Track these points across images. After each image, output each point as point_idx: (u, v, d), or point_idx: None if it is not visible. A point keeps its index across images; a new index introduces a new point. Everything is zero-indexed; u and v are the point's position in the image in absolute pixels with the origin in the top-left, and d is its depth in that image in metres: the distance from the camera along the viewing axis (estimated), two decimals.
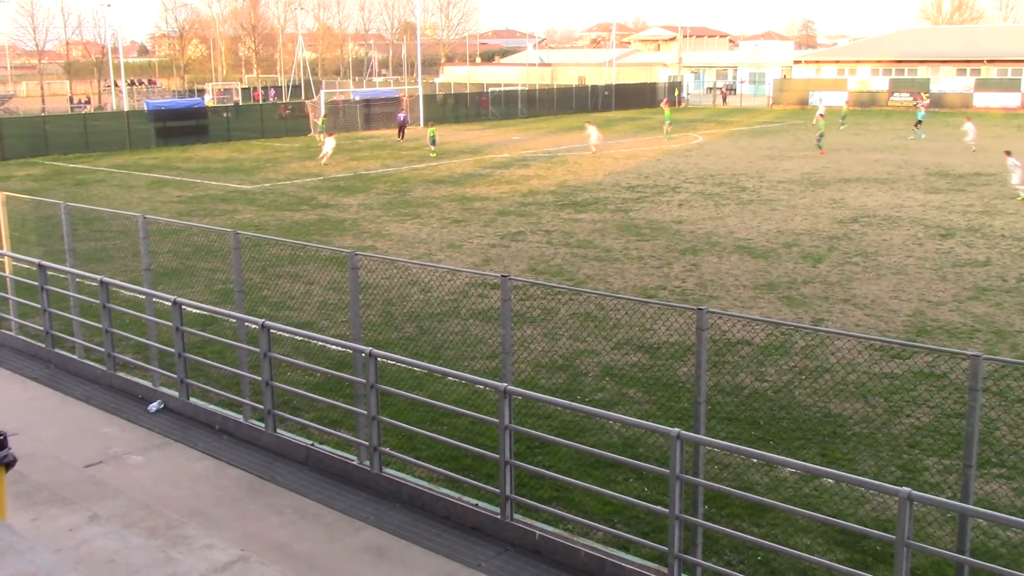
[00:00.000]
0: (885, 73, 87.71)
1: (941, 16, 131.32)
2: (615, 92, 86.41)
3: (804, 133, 57.66)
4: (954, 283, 20.14)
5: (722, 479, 10.81)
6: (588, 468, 11.03)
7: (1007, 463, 11.26)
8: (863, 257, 22.74)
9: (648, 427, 9.10)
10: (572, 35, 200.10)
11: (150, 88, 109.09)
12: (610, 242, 24.84)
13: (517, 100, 79.43)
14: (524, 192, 34.30)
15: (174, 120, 57.12)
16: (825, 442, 11.99)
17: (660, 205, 30.88)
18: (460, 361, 15.08)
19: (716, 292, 19.62)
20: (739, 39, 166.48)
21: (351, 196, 33.91)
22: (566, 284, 20.00)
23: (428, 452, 11.20)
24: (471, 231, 26.78)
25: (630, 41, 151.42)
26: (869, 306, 18.45)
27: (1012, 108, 75.65)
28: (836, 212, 29.18)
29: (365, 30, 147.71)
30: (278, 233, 26.22)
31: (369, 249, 23.86)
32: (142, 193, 35.57)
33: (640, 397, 13.68)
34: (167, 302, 12.30)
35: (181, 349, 12.18)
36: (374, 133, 62.64)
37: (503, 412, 9.02)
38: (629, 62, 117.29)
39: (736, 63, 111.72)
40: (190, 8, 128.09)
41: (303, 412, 12.58)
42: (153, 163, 46.39)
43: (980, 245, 23.95)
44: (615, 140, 54.30)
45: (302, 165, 44.46)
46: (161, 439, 11.70)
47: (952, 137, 52.19)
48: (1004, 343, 15.98)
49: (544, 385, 13.95)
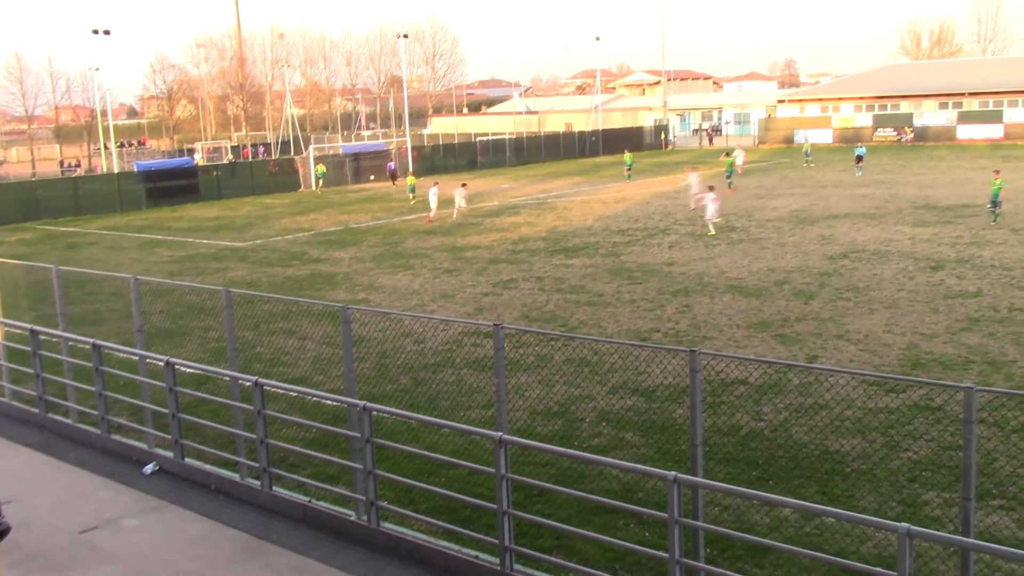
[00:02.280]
0: (868, 109, 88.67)
1: (921, 51, 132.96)
2: (602, 137, 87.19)
3: (791, 171, 58.17)
4: (946, 315, 20.19)
5: (722, 521, 10.74)
6: (588, 515, 10.95)
7: (1007, 494, 11.21)
8: (855, 292, 22.81)
9: (645, 471, 9.07)
10: (558, 82, 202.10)
11: (140, 149, 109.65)
12: (602, 286, 24.90)
13: (505, 148, 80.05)
14: (515, 239, 34.43)
15: (164, 180, 57.36)
16: (825, 480, 11.93)
17: (651, 248, 31.00)
18: (456, 411, 15.03)
19: (710, 333, 19.63)
20: (723, 80, 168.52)
21: (342, 250, 34.00)
22: (559, 330, 20.00)
23: (426, 504, 11.12)
24: (463, 280, 26.83)
25: (615, 86, 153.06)
26: (863, 341, 18.47)
27: (995, 139, 76.42)
28: (826, 248, 29.32)
29: (352, 85, 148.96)
30: (270, 289, 26.24)
31: (362, 302, 23.88)
32: (134, 254, 35.63)
33: (638, 441, 13.63)
34: (160, 363, 12.27)
35: (175, 410, 12.13)
36: (364, 186, 62.99)
37: (499, 462, 8.98)
38: (615, 107, 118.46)
39: (721, 104, 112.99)
40: (178, 69, 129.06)
41: (299, 469, 12.50)
42: (144, 224, 46.51)
43: (970, 276, 24.05)
44: (601, 185, 54.64)
45: (293, 220, 44.59)
46: (157, 501, 11.61)
47: (938, 170, 52.66)
48: (999, 373, 15.98)
49: (541, 432, 13.89)
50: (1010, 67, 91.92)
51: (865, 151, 57.01)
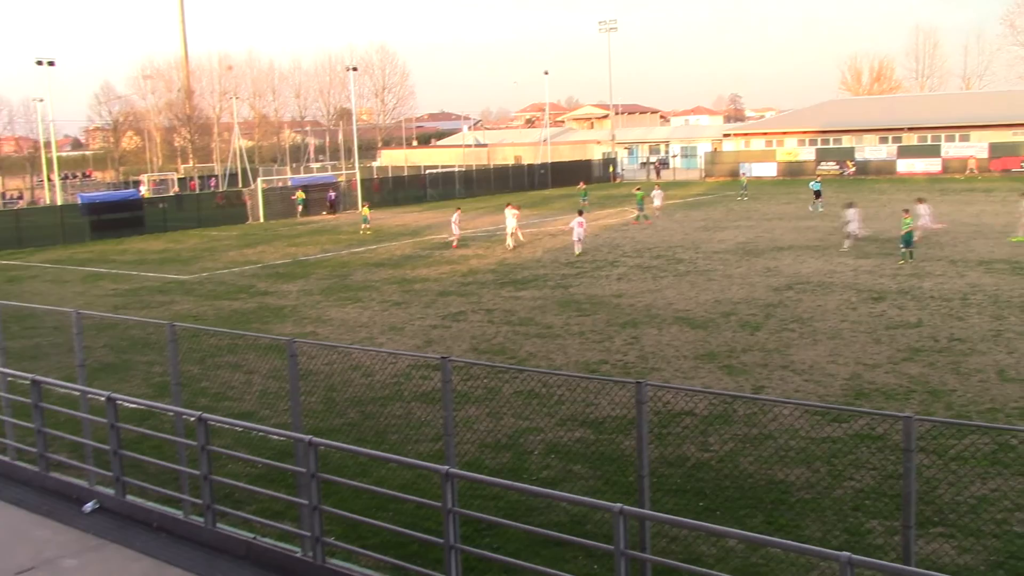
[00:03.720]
0: (812, 143, 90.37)
1: (862, 87, 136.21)
2: (551, 170, 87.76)
3: (737, 204, 59.03)
4: (888, 345, 20.56)
5: (670, 552, 10.77)
6: (537, 547, 10.92)
7: (947, 521, 11.40)
8: (799, 323, 23.15)
9: (591, 504, 9.09)
10: (507, 115, 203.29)
11: (84, 181, 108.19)
12: (551, 318, 24.99)
13: (455, 181, 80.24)
14: (464, 272, 34.46)
15: (109, 212, 56.56)
16: (770, 509, 12.05)
17: (599, 280, 31.21)
18: (405, 445, 14.94)
19: (657, 364, 19.78)
20: (670, 114, 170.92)
21: (290, 282, 33.76)
22: (508, 363, 20.01)
23: (374, 540, 11.02)
24: (412, 313, 26.76)
25: (564, 120, 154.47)
26: (807, 371, 18.73)
27: (934, 172, 78.29)
28: (771, 280, 29.74)
29: (301, 117, 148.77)
30: (217, 323, 25.94)
31: (310, 335, 23.70)
32: (77, 287, 35.03)
33: (586, 473, 13.65)
34: (102, 398, 12.06)
35: (116, 446, 11.91)
36: (312, 219, 62.68)
37: (446, 496, 8.94)
38: (564, 140, 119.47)
39: (668, 138, 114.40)
40: (124, 100, 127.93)
41: (245, 505, 12.32)
42: (88, 257, 45.79)
43: (911, 307, 24.54)
44: (551, 218, 54.96)
45: (240, 253, 44.21)
46: (96, 540, 11.36)
47: (879, 203, 53.75)
48: (939, 402, 16.29)
49: (489, 465, 13.86)
50: (946, 103, 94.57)
51: (820, 186, 54.58)
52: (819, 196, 52.64)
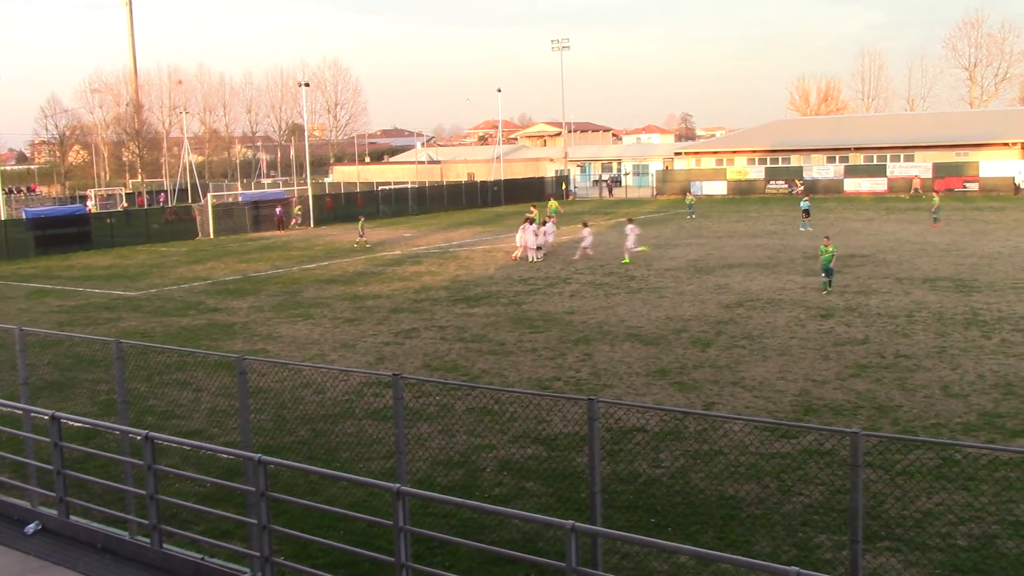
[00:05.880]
0: (761, 162, 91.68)
1: (809, 107, 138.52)
2: (504, 187, 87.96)
3: (687, 223, 59.60)
4: (836, 362, 20.84)
5: (622, 568, 10.80)
6: (489, 566, 10.89)
7: (894, 535, 11.56)
8: (749, 340, 23.39)
9: (543, 521, 9.08)
10: (460, 132, 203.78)
11: (29, 195, 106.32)
12: (504, 335, 24.99)
13: (407, 197, 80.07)
14: (417, 288, 34.36)
15: (54, 228, 55.56)
16: (721, 525, 12.12)
17: (552, 297, 31.29)
18: (356, 463, 14.83)
19: (610, 380, 19.86)
20: (622, 133, 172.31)
21: (240, 299, 33.40)
22: (461, 379, 19.96)
23: (325, 559, 10.90)
24: (364, 330, 26.61)
25: (517, 137, 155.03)
26: (757, 387, 18.92)
27: (880, 192, 79.75)
28: (722, 297, 30.04)
29: (253, 132, 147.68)
30: (165, 340, 25.57)
31: (260, 352, 23.46)
32: (20, 304, 34.34)
33: (539, 490, 13.64)
34: (46, 417, 11.82)
35: (60, 466, 11.66)
36: (263, 234, 62.17)
37: (397, 514, 8.88)
38: (517, 157, 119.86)
39: (620, 156, 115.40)
40: (71, 114, 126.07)
41: (192, 525, 12.13)
42: (32, 272, 44.94)
43: (858, 324, 24.91)
44: (504, 235, 55.06)
45: (189, 269, 43.67)
46: (38, 563, 11.10)
47: (827, 222, 54.58)
48: (885, 418, 16.54)
49: (442, 483, 13.80)
50: (892, 124, 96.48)
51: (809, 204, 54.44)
52: (808, 215, 53.27)
